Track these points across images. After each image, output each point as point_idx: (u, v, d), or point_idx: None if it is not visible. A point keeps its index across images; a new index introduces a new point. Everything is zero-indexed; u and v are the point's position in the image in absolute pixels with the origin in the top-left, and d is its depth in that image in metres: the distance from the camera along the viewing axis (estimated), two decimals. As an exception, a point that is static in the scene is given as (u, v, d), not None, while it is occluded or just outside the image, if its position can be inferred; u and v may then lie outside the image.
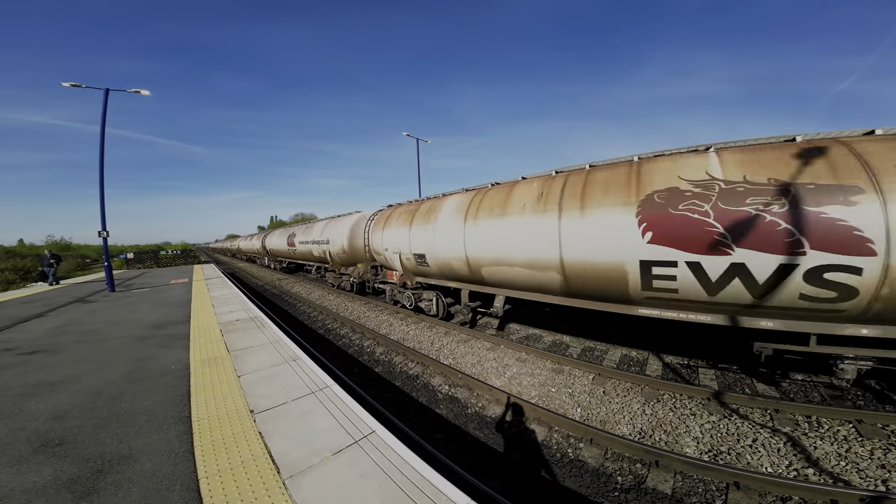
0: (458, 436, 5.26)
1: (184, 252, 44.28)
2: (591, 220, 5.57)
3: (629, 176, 5.41)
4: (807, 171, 4.16)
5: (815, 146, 4.29)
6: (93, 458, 3.24)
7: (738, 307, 4.74)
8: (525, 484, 4.24)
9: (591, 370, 6.43)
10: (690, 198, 4.70)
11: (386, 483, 2.79)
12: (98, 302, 12.40)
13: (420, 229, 9.22)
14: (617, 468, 4.26)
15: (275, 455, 3.19)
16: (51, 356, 6.23)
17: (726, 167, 4.63)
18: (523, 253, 6.58)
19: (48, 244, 42.53)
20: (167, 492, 2.79)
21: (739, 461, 4.14)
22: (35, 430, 3.74)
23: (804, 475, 3.86)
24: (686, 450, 4.41)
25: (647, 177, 5.21)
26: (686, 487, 3.86)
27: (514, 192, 7.03)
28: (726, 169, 4.61)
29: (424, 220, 9.18)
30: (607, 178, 5.68)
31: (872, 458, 3.96)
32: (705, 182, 4.67)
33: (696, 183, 4.72)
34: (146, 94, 14.53)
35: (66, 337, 7.55)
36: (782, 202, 4.14)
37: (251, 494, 2.73)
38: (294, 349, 6.01)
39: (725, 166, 4.64)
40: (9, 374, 5.42)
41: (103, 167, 14.01)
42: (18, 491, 2.82)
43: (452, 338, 8.79)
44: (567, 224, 5.84)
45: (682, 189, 4.79)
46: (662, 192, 4.94)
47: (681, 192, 4.79)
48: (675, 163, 5.11)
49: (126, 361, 5.77)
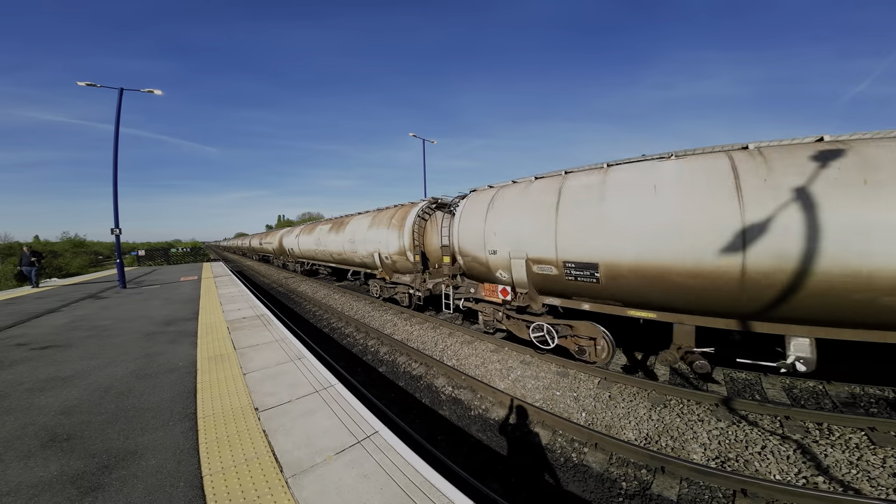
0: (460, 438, 5.25)
1: (193, 250, 44.89)
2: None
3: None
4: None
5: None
6: (99, 453, 3.28)
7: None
8: (527, 488, 4.21)
9: (597, 374, 6.37)
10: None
11: (388, 484, 2.79)
12: (109, 298, 12.60)
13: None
14: (622, 474, 4.21)
15: (278, 453, 3.21)
16: (62, 351, 6.33)
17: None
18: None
19: (34, 242, 42.27)
20: (171, 488, 2.82)
21: (747, 468, 4.07)
22: (44, 424, 3.81)
23: (814, 483, 3.78)
24: (693, 456, 4.34)
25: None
26: (692, 494, 3.80)
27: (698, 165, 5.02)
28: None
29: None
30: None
31: (885, 467, 3.88)
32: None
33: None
34: (159, 93, 14.76)
35: (78, 332, 7.67)
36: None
37: (254, 492, 2.74)
38: (299, 347, 6.05)
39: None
40: (21, 368, 5.52)
41: (117, 165, 14.23)
42: (25, 486, 2.86)
43: (457, 339, 8.78)
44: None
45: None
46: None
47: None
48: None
49: (135, 357, 5.85)
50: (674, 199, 4.94)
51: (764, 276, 4.29)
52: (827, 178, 4.03)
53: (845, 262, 3.88)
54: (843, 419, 4.63)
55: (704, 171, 4.84)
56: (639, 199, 5.24)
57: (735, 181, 4.53)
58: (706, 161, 4.93)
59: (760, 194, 4.33)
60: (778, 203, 4.20)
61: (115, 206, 14.37)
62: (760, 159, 4.53)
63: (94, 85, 13.78)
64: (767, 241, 4.23)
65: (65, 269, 33.98)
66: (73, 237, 50.73)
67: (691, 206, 4.78)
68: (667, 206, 4.96)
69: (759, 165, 4.48)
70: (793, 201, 4.13)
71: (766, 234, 4.23)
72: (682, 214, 4.82)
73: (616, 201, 5.47)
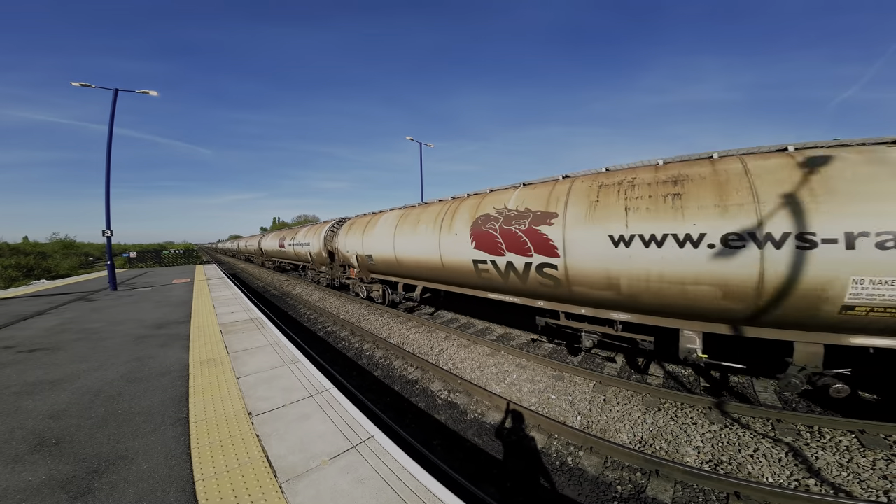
0: (456, 442, 5.23)
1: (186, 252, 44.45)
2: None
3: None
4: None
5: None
6: (89, 458, 3.23)
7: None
8: (523, 492, 4.20)
9: (592, 378, 6.39)
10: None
11: (383, 489, 2.77)
12: (100, 301, 12.43)
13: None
14: (616, 477, 4.21)
15: (272, 458, 3.18)
16: (51, 354, 6.23)
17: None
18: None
19: (23, 243, 41.00)
20: (163, 493, 2.78)
21: (740, 471, 4.10)
22: (32, 428, 3.74)
23: (805, 486, 3.81)
24: (687, 459, 4.37)
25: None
26: (686, 497, 3.82)
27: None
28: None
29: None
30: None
31: (874, 469, 3.92)
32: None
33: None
34: (154, 94, 14.67)
35: (67, 335, 7.55)
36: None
37: (247, 498, 2.71)
38: (293, 352, 6.00)
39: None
40: (8, 371, 5.42)
41: (109, 166, 14.11)
42: (13, 490, 2.81)
43: (452, 343, 8.76)
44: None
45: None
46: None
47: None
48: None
49: (125, 361, 5.77)
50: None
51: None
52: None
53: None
54: (833, 422, 4.69)
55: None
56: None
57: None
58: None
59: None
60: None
61: (107, 207, 14.22)
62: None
63: (89, 86, 13.67)
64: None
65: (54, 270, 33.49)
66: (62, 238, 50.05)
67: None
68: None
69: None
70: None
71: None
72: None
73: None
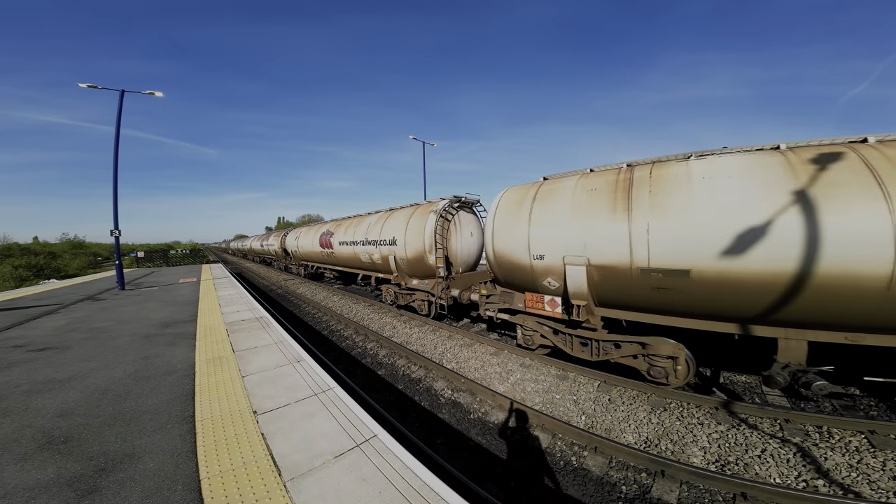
0: (460, 441, 5.22)
1: (192, 252, 44.84)
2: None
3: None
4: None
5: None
6: (96, 456, 3.26)
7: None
8: (527, 491, 4.19)
9: (597, 377, 6.35)
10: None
11: (387, 488, 2.78)
12: (108, 300, 12.57)
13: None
14: (621, 477, 4.19)
15: (276, 457, 3.19)
16: (60, 353, 6.31)
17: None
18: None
19: (33, 243, 41.29)
20: (169, 492, 2.80)
21: (747, 472, 4.05)
22: (41, 427, 3.79)
23: (814, 486, 3.77)
24: (693, 459, 4.33)
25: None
26: (692, 498, 3.79)
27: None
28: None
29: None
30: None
31: (885, 470, 3.87)
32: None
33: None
34: (160, 95, 14.78)
35: (76, 334, 7.65)
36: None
37: (252, 496, 2.73)
38: (298, 350, 6.03)
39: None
40: (19, 370, 5.50)
41: (117, 167, 14.22)
42: (22, 488, 2.84)
43: (456, 342, 8.76)
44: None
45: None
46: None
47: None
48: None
49: (133, 360, 5.83)
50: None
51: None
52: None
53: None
54: (842, 422, 4.62)
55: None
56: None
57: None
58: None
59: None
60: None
61: (115, 207, 14.34)
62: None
63: (96, 87, 13.78)
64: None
65: (63, 270, 33.94)
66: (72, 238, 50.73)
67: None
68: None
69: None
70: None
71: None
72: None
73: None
